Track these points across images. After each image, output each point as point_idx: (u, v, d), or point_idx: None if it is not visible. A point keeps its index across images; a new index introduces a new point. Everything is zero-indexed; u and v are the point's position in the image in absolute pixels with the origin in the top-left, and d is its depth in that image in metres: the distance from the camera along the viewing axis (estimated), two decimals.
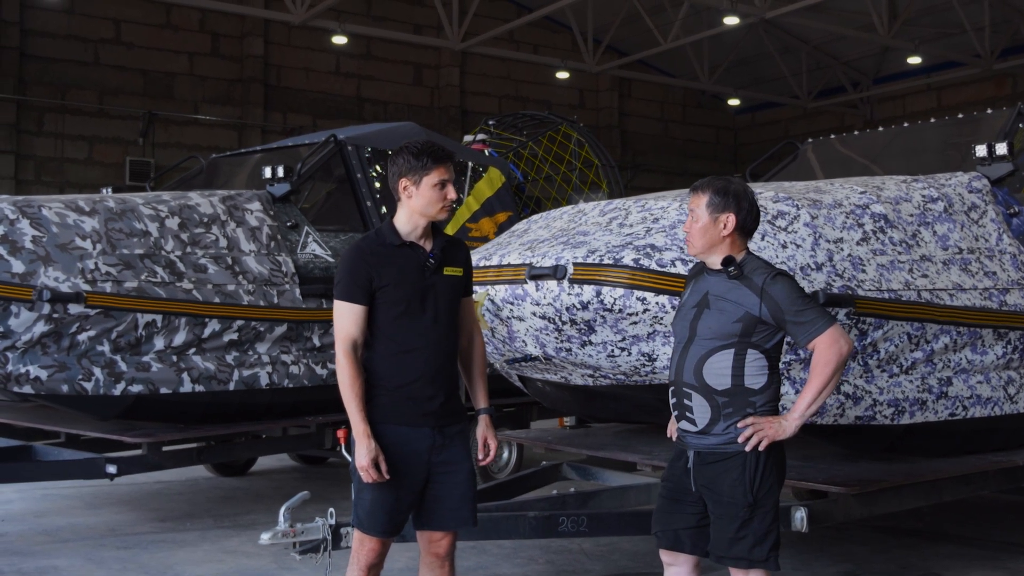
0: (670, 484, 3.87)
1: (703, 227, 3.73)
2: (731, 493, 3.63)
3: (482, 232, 8.24)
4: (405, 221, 3.92)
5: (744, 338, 3.64)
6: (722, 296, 3.70)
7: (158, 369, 6.34)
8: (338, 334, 3.82)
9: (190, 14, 19.66)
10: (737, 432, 3.64)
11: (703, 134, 26.57)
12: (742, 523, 3.62)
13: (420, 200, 3.88)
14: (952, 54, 20.42)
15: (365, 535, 3.89)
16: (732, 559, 3.66)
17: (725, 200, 3.71)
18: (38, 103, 18.64)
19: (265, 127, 20.41)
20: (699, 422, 3.70)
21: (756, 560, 3.63)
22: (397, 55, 22.00)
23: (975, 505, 7.52)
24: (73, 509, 7.63)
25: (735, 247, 3.75)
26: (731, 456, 3.64)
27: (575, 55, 21.36)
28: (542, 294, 4.84)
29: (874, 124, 22.70)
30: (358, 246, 3.92)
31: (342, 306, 3.83)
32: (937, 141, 7.48)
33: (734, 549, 3.64)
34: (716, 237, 3.73)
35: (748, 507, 3.61)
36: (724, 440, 3.66)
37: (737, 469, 3.62)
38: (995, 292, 5.44)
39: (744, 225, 3.75)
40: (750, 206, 3.76)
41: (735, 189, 3.75)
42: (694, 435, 3.74)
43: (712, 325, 3.68)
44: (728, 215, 3.71)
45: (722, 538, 3.67)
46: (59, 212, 6.19)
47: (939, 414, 5.28)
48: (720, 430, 3.66)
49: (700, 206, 3.74)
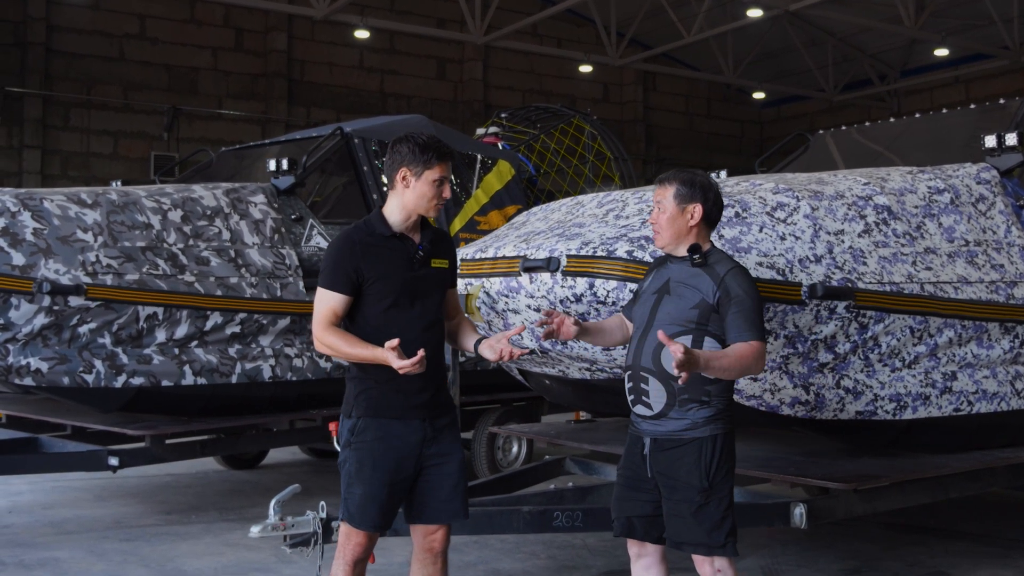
0: (626, 472, 3.90)
1: (670, 217, 3.79)
2: (687, 478, 3.66)
3: (491, 225, 8.19)
4: (396, 211, 3.87)
5: (700, 325, 3.68)
6: (683, 282, 3.74)
7: (159, 362, 6.35)
8: (316, 318, 3.76)
9: (214, 9, 19.77)
10: (693, 419, 3.65)
11: (728, 128, 26.41)
12: (697, 508, 3.66)
13: (415, 193, 3.82)
14: (980, 46, 20.16)
15: (353, 529, 3.86)
16: (691, 545, 3.70)
17: (692, 191, 3.79)
18: (64, 98, 18.81)
19: (289, 122, 20.48)
20: (655, 406, 3.73)
21: (714, 545, 3.66)
22: (420, 49, 22.01)
23: (986, 502, 7.40)
24: (81, 501, 7.67)
25: (701, 237, 3.82)
26: (687, 442, 3.68)
27: (598, 49, 21.29)
28: (536, 286, 4.79)
29: (901, 117, 22.43)
30: (347, 236, 3.87)
31: (324, 294, 3.79)
32: (956, 130, 7.34)
33: (691, 534, 3.68)
34: (683, 227, 3.78)
35: (703, 492, 3.65)
36: (680, 427, 3.69)
37: (693, 455, 3.66)
38: (1002, 285, 5.33)
39: (710, 215, 3.83)
40: (715, 197, 3.84)
41: (701, 180, 3.82)
42: (650, 420, 3.76)
43: (671, 311, 3.73)
44: (695, 205, 3.78)
45: (678, 524, 3.70)
46: (61, 204, 6.20)
47: (943, 409, 5.17)
48: (676, 415, 3.69)
49: (667, 197, 3.80)
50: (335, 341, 3.72)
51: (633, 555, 3.94)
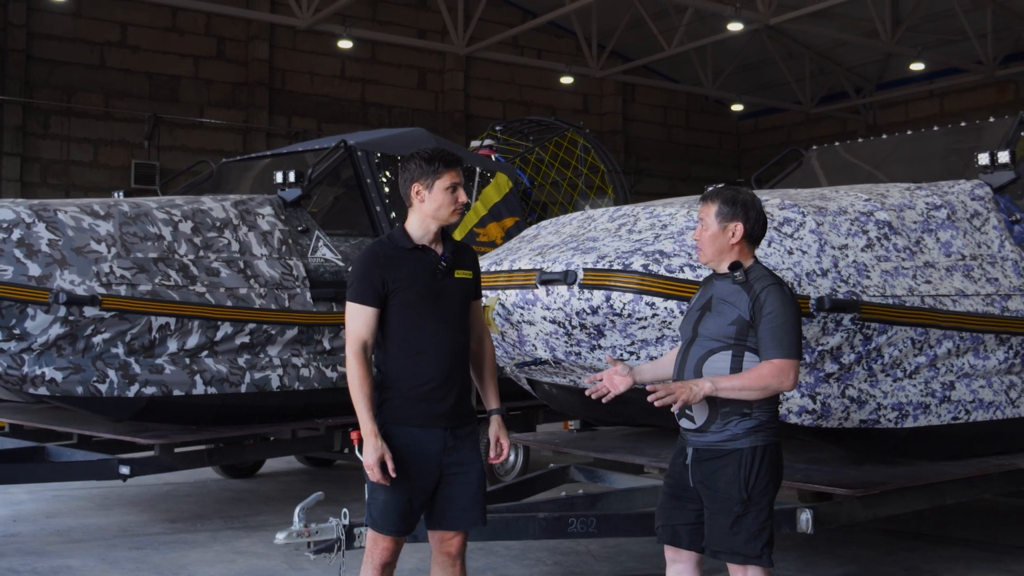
0: (671, 481, 4.00)
1: (712, 235, 3.87)
2: (726, 489, 3.75)
3: (489, 237, 8.32)
4: (417, 225, 4.00)
5: (739, 340, 3.77)
6: (724, 299, 3.84)
7: (171, 371, 6.42)
8: (349, 336, 3.89)
9: (196, 18, 19.77)
10: (734, 431, 3.76)
11: (706, 139, 26.67)
12: (736, 519, 3.74)
13: (432, 204, 3.96)
14: (955, 60, 20.51)
15: (379, 535, 3.96)
16: (727, 554, 3.79)
17: (734, 209, 3.85)
18: (44, 106, 18.73)
19: (270, 131, 20.51)
20: (697, 420, 3.83)
21: (750, 556, 3.75)
22: (402, 59, 22.10)
23: (979, 509, 7.60)
24: (84, 510, 7.71)
25: (743, 254, 3.89)
26: (728, 453, 3.77)
27: (579, 60, 21.47)
28: (552, 299, 4.92)
29: (877, 130, 22.78)
30: (371, 249, 4.00)
31: (354, 308, 3.91)
32: (940, 149, 7.55)
33: (728, 544, 3.76)
34: (725, 245, 3.86)
35: (742, 503, 3.73)
36: (721, 438, 3.78)
37: (732, 466, 3.75)
38: (997, 298, 5.52)
39: (752, 233, 3.89)
40: (758, 215, 3.89)
41: (743, 199, 3.88)
42: (693, 433, 3.87)
43: (711, 327, 3.83)
44: (736, 223, 3.85)
45: (717, 533, 3.79)
46: (74, 216, 6.27)
47: (942, 418, 5.35)
48: (717, 428, 3.79)
49: (710, 215, 3.88)
50: (354, 378, 3.84)
51: (669, 560, 4.02)
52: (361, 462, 4.00)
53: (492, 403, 4.22)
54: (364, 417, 3.82)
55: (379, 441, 3.80)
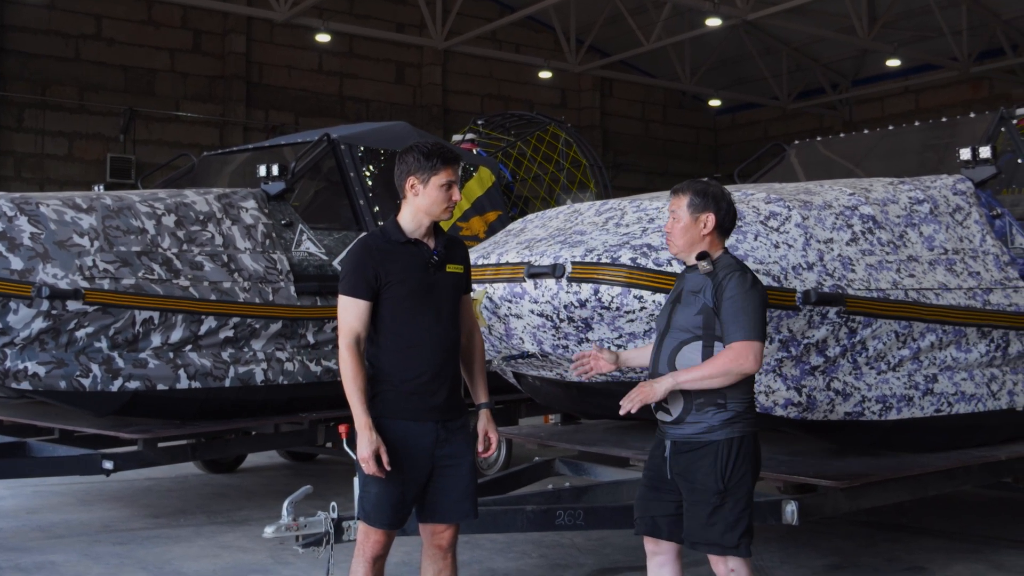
0: (650, 473, 4.05)
1: (684, 226, 3.94)
2: (703, 480, 3.80)
3: (472, 231, 8.32)
4: (410, 219, 4.00)
5: (708, 330, 3.83)
6: (692, 290, 3.91)
7: (155, 366, 6.39)
8: (341, 328, 3.89)
9: (172, 11, 19.62)
10: (710, 422, 3.81)
11: (684, 134, 26.74)
12: (713, 509, 3.79)
13: (426, 199, 3.96)
14: (930, 57, 20.66)
15: (371, 528, 3.97)
16: (705, 545, 3.84)
17: (705, 200, 3.93)
18: (18, 99, 18.55)
19: (247, 124, 20.40)
20: (673, 412, 3.88)
21: (727, 546, 3.80)
22: (380, 53, 22.03)
23: (959, 500, 7.68)
24: (66, 505, 7.66)
25: (714, 245, 3.96)
26: (704, 445, 3.82)
27: (558, 55, 21.47)
28: (540, 292, 4.93)
29: (853, 126, 22.94)
30: (364, 242, 4.00)
31: (346, 301, 3.91)
32: (919, 144, 7.62)
33: (706, 535, 3.82)
34: (696, 236, 3.93)
35: (719, 494, 3.78)
36: (697, 430, 3.83)
37: (709, 457, 3.80)
38: (979, 292, 5.58)
39: (723, 224, 3.97)
40: (728, 206, 3.98)
41: (714, 191, 3.97)
42: (670, 425, 3.91)
43: (680, 318, 3.90)
44: (708, 214, 3.93)
45: (694, 524, 3.84)
46: (57, 209, 6.22)
47: (925, 410, 5.41)
48: (693, 419, 3.84)
49: (681, 207, 3.95)
50: (347, 371, 3.84)
51: (649, 552, 4.07)
52: (348, 456, 4.00)
53: (481, 397, 4.23)
54: (358, 410, 3.82)
55: (373, 434, 3.80)
